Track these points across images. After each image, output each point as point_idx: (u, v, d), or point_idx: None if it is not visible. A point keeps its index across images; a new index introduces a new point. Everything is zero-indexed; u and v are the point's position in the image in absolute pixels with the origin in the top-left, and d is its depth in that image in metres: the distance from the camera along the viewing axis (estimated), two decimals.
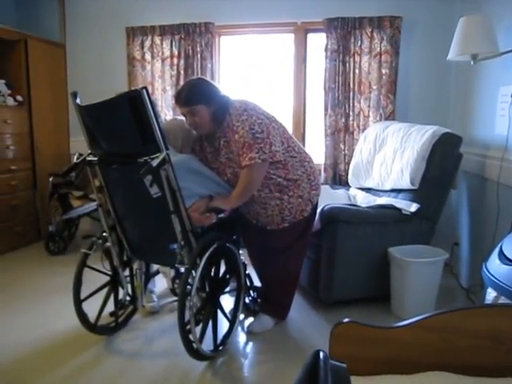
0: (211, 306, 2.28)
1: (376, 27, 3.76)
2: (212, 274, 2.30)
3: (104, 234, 2.44)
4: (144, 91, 1.93)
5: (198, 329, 2.18)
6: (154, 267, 2.82)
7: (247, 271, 2.68)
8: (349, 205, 2.94)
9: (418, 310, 1.45)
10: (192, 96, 2.27)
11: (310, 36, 4.11)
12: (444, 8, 3.76)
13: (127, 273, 2.56)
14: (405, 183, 2.98)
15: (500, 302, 1.62)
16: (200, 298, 2.20)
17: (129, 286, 2.57)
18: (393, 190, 3.17)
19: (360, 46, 3.83)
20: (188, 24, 4.03)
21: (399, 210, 2.82)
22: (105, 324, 2.50)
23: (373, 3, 3.82)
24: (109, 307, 2.51)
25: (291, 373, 2.05)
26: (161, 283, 3.11)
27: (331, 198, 3.15)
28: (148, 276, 2.72)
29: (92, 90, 3.04)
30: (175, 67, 4.13)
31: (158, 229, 2.27)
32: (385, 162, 3.24)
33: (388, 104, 3.82)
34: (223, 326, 2.46)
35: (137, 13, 4.21)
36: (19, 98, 3.97)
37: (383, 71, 3.80)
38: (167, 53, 4.14)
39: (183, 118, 2.41)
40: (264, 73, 4.32)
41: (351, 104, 3.91)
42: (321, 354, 0.89)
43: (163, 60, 4.16)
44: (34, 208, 4.24)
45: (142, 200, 2.16)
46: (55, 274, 3.45)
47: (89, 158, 2.28)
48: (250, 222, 2.56)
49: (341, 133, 3.94)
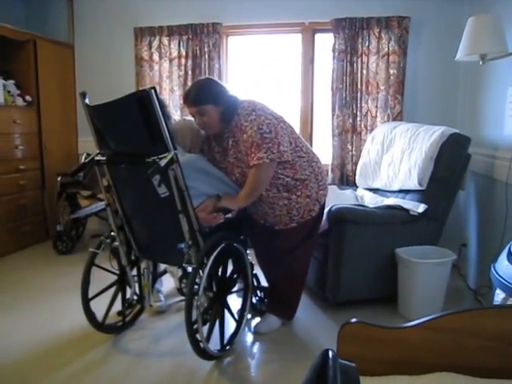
0: (218, 306, 2.29)
1: (384, 27, 3.75)
2: (219, 274, 2.31)
3: (112, 234, 2.46)
4: (152, 91, 1.94)
5: (205, 328, 2.18)
6: (162, 267, 2.84)
7: (254, 271, 2.68)
8: (356, 205, 2.94)
9: (426, 311, 1.45)
10: (200, 96, 2.27)
11: (318, 36, 4.11)
12: (452, 8, 3.74)
13: (135, 272, 2.57)
14: (412, 184, 2.97)
15: (508, 303, 1.62)
16: (207, 298, 2.20)
17: (136, 286, 2.58)
18: (400, 191, 3.15)
19: (368, 47, 3.82)
20: (196, 24, 4.04)
21: (407, 211, 2.81)
22: (112, 323, 2.52)
23: (381, 3, 3.81)
24: (116, 306, 2.53)
25: (298, 373, 2.05)
26: (168, 283, 3.11)
27: (339, 199, 3.14)
28: (155, 275, 2.73)
29: (100, 90, 3.05)
30: (183, 67, 4.14)
31: (166, 228, 2.28)
32: (392, 163, 3.23)
33: (396, 104, 3.81)
34: (230, 326, 2.46)
35: (145, 13, 4.23)
36: (28, 98, 4.00)
37: (391, 71, 3.79)
38: (175, 53, 4.15)
39: (192, 119, 2.42)
40: (271, 73, 4.32)
41: (359, 104, 3.89)
42: (330, 354, 0.89)
43: (171, 60, 4.18)
44: (43, 207, 4.26)
45: (150, 200, 2.17)
46: (63, 274, 3.47)
47: (97, 158, 2.29)
48: (258, 222, 2.56)
49: (348, 133, 3.93)
